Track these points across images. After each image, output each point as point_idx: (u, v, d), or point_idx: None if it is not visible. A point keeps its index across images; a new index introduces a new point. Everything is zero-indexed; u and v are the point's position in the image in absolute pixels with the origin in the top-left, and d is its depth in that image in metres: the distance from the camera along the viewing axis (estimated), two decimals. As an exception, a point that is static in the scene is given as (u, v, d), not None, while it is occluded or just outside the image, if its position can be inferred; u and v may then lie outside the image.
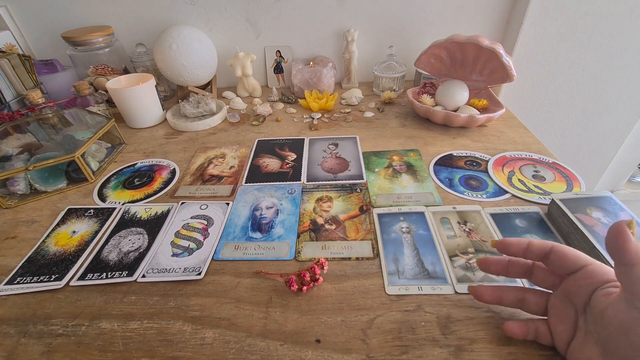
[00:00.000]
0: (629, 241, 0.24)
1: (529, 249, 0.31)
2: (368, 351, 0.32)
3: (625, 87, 0.87)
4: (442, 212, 0.47)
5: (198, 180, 0.57)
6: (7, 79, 0.68)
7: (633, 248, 0.24)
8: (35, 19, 0.82)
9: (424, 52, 0.70)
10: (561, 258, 0.29)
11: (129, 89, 0.69)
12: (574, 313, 0.29)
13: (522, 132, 0.65)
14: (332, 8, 0.82)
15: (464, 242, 0.42)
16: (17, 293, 0.39)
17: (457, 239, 0.43)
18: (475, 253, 0.41)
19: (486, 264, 0.34)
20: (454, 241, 0.43)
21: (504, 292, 0.33)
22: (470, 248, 0.42)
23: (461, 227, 0.45)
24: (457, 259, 0.40)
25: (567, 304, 0.29)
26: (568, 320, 0.29)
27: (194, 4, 0.81)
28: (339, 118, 0.75)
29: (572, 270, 0.29)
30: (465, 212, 0.47)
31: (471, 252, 0.41)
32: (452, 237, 0.43)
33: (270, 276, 0.39)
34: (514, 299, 0.32)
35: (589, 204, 0.42)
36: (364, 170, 0.57)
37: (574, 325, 0.28)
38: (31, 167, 0.52)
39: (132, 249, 0.44)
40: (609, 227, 0.26)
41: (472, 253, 0.41)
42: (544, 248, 0.30)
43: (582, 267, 0.29)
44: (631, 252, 0.24)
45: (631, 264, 0.24)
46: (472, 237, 0.43)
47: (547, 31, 0.79)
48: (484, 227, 0.44)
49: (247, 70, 0.83)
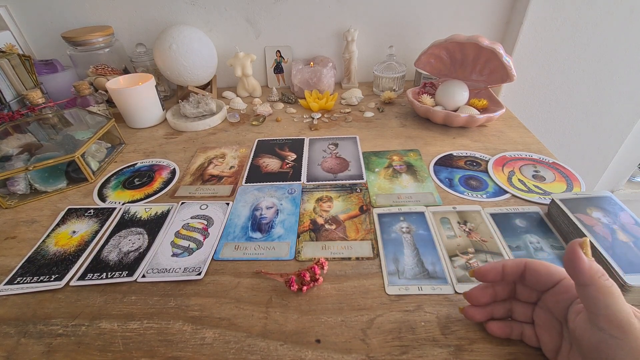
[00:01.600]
0: (582, 261, 0.24)
1: (504, 271, 0.30)
2: (368, 351, 0.32)
3: (625, 87, 0.87)
4: (442, 212, 0.47)
5: (198, 180, 0.57)
6: (7, 79, 0.68)
7: (586, 268, 0.24)
8: (35, 19, 0.82)
9: (424, 52, 0.70)
10: (535, 276, 0.29)
11: (129, 89, 0.69)
12: (558, 324, 0.29)
13: (522, 132, 0.65)
14: (332, 8, 0.82)
15: (464, 242, 0.42)
16: (17, 293, 0.39)
17: (457, 239, 0.43)
18: (475, 253, 0.41)
19: (481, 274, 0.32)
20: (454, 241, 0.43)
21: (494, 308, 0.32)
22: (470, 248, 0.42)
23: (461, 227, 0.45)
24: (457, 259, 0.40)
25: (550, 316, 0.29)
26: (553, 331, 0.29)
27: (194, 4, 0.81)
28: (339, 118, 0.75)
29: (547, 286, 0.29)
30: (465, 212, 0.47)
31: (471, 252, 0.41)
32: (452, 237, 0.43)
33: (270, 276, 0.39)
34: (503, 312, 0.32)
35: (589, 204, 0.42)
36: (364, 170, 0.57)
37: (560, 335, 0.28)
38: (31, 167, 0.52)
39: (132, 249, 0.44)
40: (566, 247, 0.26)
41: (472, 253, 0.41)
42: (518, 267, 0.30)
43: (557, 282, 0.28)
44: (584, 272, 0.24)
45: (585, 284, 0.24)
46: (472, 237, 0.43)
47: (547, 31, 0.79)
48: (484, 227, 0.44)
49: (247, 70, 0.83)
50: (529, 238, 0.42)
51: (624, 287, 0.33)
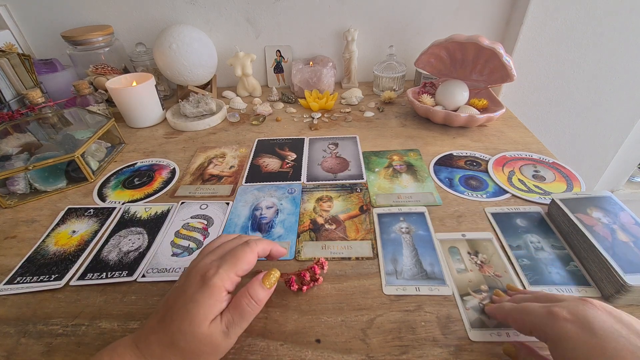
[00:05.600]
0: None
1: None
2: (368, 351, 0.32)
3: (625, 87, 0.87)
4: (451, 240, 0.43)
5: (198, 180, 0.57)
6: (7, 79, 0.68)
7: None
8: (35, 18, 0.82)
9: (424, 52, 0.70)
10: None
11: (128, 89, 0.69)
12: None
13: (522, 132, 0.65)
14: (332, 8, 0.82)
15: (476, 278, 0.38)
16: (17, 293, 0.39)
17: (468, 273, 0.39)
18: (489, 291, 0.37)
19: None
20: (465, 276, 0.38)
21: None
22: (483, 285, 0.37)
23: (472, 258, 0.40)
24: (469, 299, 0.36)
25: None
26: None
27: (194, 3, 0.81)
28: (339, 118, 0.75)
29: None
30: (475, 241, 0.43)
31: (484, 290, 0.37)
32: (463, 271, 0.39)
33: (270, 276, 0.39)
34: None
35: (589, 203, 0.42)
36: (364, 170, 0.57)
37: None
38: (31, 166, 0.52)
39: (132, 248, 0.44)
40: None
41: (486, 291, 0.36)
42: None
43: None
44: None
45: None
46: (485, 271, 0.39)
47: (547, 31, 0.79)
48: (497, 259, 0.40)
49: (247, 69, 0.83)
50: (530, 238, 0.42)
51: (624, 287, 0.33)
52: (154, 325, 0.28)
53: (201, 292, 0.28)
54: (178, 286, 0.30)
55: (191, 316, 0.27)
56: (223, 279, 0.29)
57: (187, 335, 0.27)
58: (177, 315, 0.28)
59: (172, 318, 0.28)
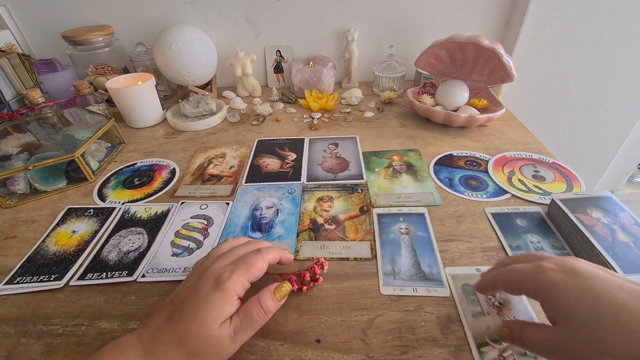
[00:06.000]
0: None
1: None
2: (368, 351, 0.32)
3: (625, 87, 0.87)
4: (464, 275, 0.38)
5: (198, 180, 0.57)
6: (7, 79, 0.68)
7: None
8: (35, 18, 0.82)
9: (424, 52, 0.70)
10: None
11: (128, 89, 0.69)
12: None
13: (522, 132, 0.65)
14: (332, 8, 0.82)
15: (494, 323, 0.33)
16: (17, 293, 0.39)
17: (485, 317, 0.34)
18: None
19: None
20: (482, 321, 0.33)
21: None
22: None
23: (489, 298, 0.36)
24: (487, 350, 0.31)
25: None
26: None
27: (194, 3, 0.81)
28: (339, 118, 0.75)
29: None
30: None
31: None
32: (479, 314, 0.34)
33: (270, 276, 0.39)
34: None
35: (589, 204, 0.42)
36: (364, 170, 0.57)
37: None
38: (31, 166, 0.52)
39: (132, 248, 0.44)
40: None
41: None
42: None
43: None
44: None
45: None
46: (504, 315, 0.34)
47: (547, 31, 0.79)
48: (517, 301, 0.35)
49: (247, 69, 0.83)
50: (530, 238, 0.42)
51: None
52: (160, 323, 0.28)
53: (214, 294, 0.28)
54: (188, 286, 0.30)
55: (202, 317, 0.27)
56: (235, 284, 0.29)
57: (195, 335, 0.27)
58: (188, 315, 0.28)
59: (182, 317, 0.28)
